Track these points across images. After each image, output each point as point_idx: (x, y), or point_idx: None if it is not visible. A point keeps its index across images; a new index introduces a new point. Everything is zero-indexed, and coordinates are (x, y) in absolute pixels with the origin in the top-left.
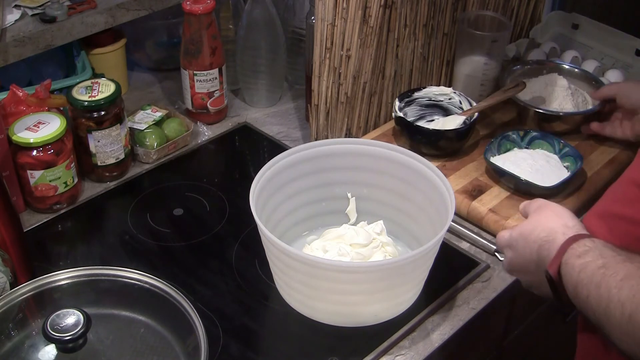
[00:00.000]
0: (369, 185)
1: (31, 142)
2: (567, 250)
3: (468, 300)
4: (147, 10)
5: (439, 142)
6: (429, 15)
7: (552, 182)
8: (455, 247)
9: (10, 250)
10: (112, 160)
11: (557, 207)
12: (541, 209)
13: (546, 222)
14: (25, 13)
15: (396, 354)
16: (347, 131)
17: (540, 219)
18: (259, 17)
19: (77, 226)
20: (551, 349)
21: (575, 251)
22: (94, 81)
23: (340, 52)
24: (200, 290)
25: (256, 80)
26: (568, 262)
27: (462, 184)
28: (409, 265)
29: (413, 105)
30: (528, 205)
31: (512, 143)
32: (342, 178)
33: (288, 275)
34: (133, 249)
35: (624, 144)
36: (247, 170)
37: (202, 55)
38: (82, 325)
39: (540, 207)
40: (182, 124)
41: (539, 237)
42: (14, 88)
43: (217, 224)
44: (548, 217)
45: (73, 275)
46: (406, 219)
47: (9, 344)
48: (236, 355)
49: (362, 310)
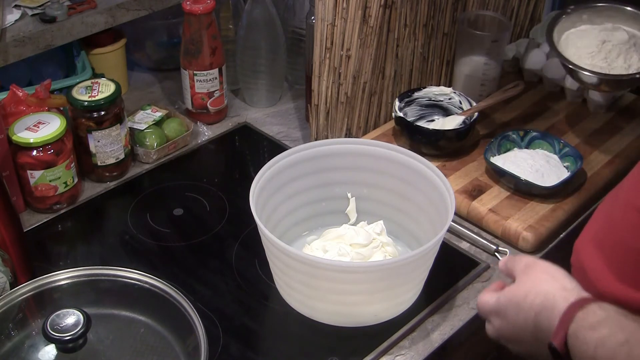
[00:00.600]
0: (369, 185)
1: (31, 142)
2: (574, 319)
3: (468, 300)
4: (147, 10)
5: (439, 142)
6: (429, 15)
7: (552, 182)
8: (455, 247)
9: (10, 250)
10: (112, 160)
11: (549, 266)
12: (530, 268)
13: (540, 286)
14: (25, 13)
15: (396, 354)
16: (347, 131)
17: (532, 281)
18: (259, 17)
19: (77, 226)
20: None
21: (585, 322)
22: (94, 81)
23: (340, 52)
24: (200, 290)
25: (256, 80)
26: (578, 335)
27: (462, 184)
28: (409, 265)
29: (413, 105)
30: (512, 262)
31: (512, 143)
32: (342, 178)
33: (288, 275)
34: (133, 249)
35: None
36: (247, 170)
37: (202, 55)
38: (82, 325)
39: (529, 266)
40: (182, 124)
41: (534, 303)
42: (14, 88)
43: (217, 224)
44: (541, 279)
45: (73, 275)
46: (406, 219)
47: (9, 344)
48: (236, 355)
49: (362, 310)
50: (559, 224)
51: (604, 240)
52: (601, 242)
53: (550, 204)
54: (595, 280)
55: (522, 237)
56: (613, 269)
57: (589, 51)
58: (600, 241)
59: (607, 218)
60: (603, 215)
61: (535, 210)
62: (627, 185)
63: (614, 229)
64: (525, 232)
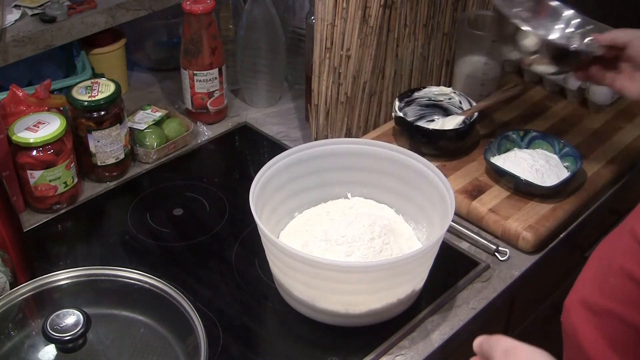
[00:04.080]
0: (369, 185)
1: (31, 142)
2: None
3: (468, 300)
4: (147, 10)
5: (439, 142)
6: (429, 15)
7: (552, 182)
8: (455, 247)
9: (10, 250)
10: (112, 160)
11: (531, 351)
12: (511, 353)
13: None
14: (25, 13)
15: (396, 354)
16: (347, 131)
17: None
18: (259, 17)
19: (77, 226)
20: (551, 349)
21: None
22: (93, 81)
23: (340, 52)
24: (200, 290)
25: (256, 80)
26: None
27: (462, 184)
28: (409, 265)
29: (413, 105)
30: (487, 344)
31: (512, 143)
32: (342, 178)
33: (288, 275)
34: (133, 249)
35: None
36: (247, 170)
37: (202, 55)
38: (82, 325)
39: (509, 350)
40: (182, 124)
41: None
42: (14, 88)
43: (217, 224)
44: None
45: (73, 275)
46: (406, 219)
47: (9, 344)
48: (236, 355)
49: (362, 310)
50: (559, 224)
51: (596, 306)
52: (593, 307)
53: (550, 204)
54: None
55: (522, 237)
56: (608, 340)
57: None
58: (592, 306)
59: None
60: (596, 274)
61: (535, 210)
62: (622, 248)
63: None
64: (525, 232)
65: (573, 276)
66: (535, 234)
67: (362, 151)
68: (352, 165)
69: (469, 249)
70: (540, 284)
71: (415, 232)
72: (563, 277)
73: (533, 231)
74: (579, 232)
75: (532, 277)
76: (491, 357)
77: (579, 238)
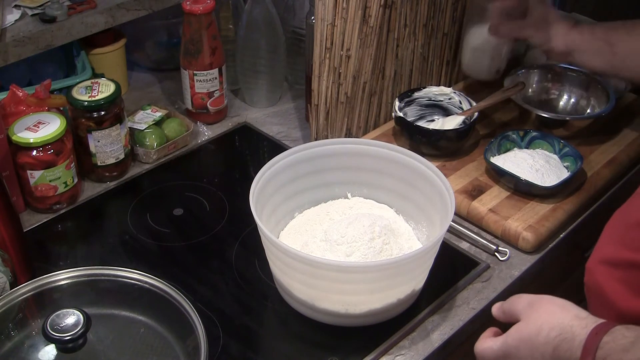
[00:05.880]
0: (369, 185)
1: (31, 142)
2: (600, 345)
3: (468, 300)
4: (147, 10)
5: (439, 142)
6: (429, 15)
7: (552, 182)
8: (455, 247)
9: (10, 250)
10: (112, 160)
11: (555, 298)
12: (536, 304)
13: (553, 319)
14: (25, 13)
15: (396, 354)
16: (347, 131)
17: (542, 316)
18: (259, 17)
19: (77, 226)
20: None
21: (615, 345)
22: (93, 81)
23: (340, 52)
24: (200, 290)
25: (256, 80)
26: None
27: (462, 184)
28: (409, 265)
29: (413, 105)
30: (509, 304)
31: (512, 143)
32: (342, 178)
33: (288, 275)
34: (133, 249)
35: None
36: (247, 170)
37: (202, 55)
38: (82, 325)
39: (533, 302)
40: (182, 124)
41: (550, 337)
42: (14, 88)
43: (217, 224)
44: (552, 312)
45: (73, 275)
46: (406, 219)
47: (9, 344)
48: (236, 355)
49: (362, 310)
50: (559, 224)
51: (618, 260)
52: (615, 262)
53: (550, 204)
54: (617, 300)
55: (522, 237)
56: (632, 287)
57: None
58: (614, 261)
59: (620, 238)
60: (614, 234)
61: (535, 210)
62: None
63: (629, 250)
64: (525, 232)
65: (573, 276)
66: (535, 234)
67: (362, 151)
68: (352, 165)
69: (469, 249)
70: (540, 284)
71: (415, 232)
72: (563, 277)
73: (533, 231)
74: (579, 232)
75: (532, 277)
76: (516, 313)
77: (579, 238)
